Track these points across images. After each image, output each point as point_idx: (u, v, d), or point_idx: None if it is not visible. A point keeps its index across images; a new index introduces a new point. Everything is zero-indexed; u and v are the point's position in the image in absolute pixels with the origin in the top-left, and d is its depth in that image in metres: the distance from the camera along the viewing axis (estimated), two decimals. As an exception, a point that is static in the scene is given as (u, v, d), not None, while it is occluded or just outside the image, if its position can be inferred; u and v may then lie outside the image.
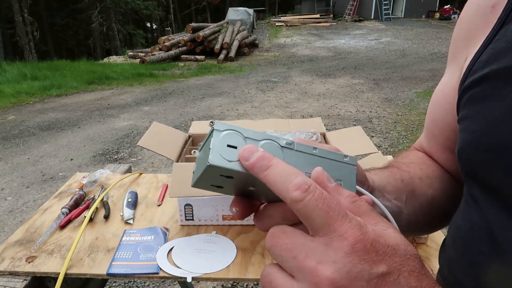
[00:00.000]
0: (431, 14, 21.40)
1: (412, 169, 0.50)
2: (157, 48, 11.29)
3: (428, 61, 9.55)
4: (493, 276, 0.33)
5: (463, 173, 0.40)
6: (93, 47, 20.82)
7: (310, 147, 0.31)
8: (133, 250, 0.89)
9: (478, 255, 0.35)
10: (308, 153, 0.31)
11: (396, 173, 0.48)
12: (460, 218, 0.40)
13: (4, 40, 17.32)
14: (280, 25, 19.06)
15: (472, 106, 0.38)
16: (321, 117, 3.70)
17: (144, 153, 3.94)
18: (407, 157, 0.55)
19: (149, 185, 1.23)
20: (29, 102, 6.34)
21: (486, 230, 0.34)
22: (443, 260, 0.44)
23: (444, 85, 0.51)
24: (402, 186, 0.47)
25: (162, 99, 6.31)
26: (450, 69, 0.50)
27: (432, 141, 0.54)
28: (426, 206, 0.48)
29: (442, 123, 0.50)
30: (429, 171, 0.51)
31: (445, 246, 0.44)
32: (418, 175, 0.50)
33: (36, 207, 2.91)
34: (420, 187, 0.48)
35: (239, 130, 0.29)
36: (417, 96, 6.05)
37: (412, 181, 0.48)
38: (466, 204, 0.40)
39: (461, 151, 0.39)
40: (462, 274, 0.38)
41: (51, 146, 4.28)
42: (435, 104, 0.52)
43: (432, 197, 0.49)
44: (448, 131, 0.49)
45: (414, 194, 0.47)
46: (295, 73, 8.58)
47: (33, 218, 1.04)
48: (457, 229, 0.41)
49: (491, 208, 0.34)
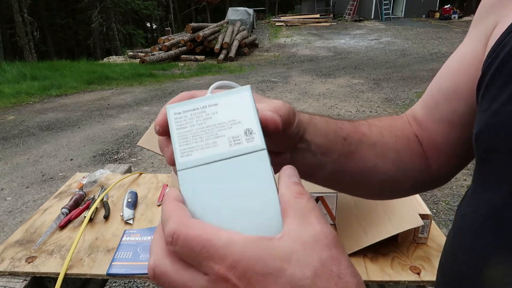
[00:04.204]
0: (431, 14, 21.39)
1: (371, 133, 0.47)
2: (157, 48, 11.29)
3: (428, 61, 9.55)
4: (500, 267, 0.31)
5: (478, 155, 0.36)
6: (93, 47, 20.82)
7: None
8: (133, 250, 0.89)
9: (484, 245, 0.33)
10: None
11: (344, 130, 0.44)
12: (466, 205, 0.38)
13: (4, 40, 17.31)
14: (280, 25, 19.06)
15: (504, 85, 0.33)
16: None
17: (144, 153, 3.93)
18: (382, 121, 0.51)
19: (149, 185, 1.23)
20: (29, 102, 6.34)
21: (494, 218, 0.32)
22: (447, 251, 0.41)
23: (463, 53, 0.46)
24: (340, 145, 0.43)
25: (162, 99, 6.31)
26: (474, 35, 0.45)
27: (431, 111, 0.49)
28: (361, 172, 0.46)
29: (452, 93, 0.45)
30: (391, 140, 0.48)
31: (450, 236, 0.41)
32: (372, 140, 0.46)
33: (36, 207, 2.91)
34: (364, 153, 0.45)
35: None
36: (417, 96, 6.05)
37: (359, 144, 0.45)
38: (473, 191, 0.37)
39: (480, 133, 0.35)
40: (466, 265, 0.36)
41: (51, 146, 4.28)
42: (448, 72, 0.47)
43: (374, 166, 0.46)
44: (456, 103, 0.45)
45: (351, 157, 0.44)
46: (295, 73, 8.58)
47: (33, 218, 1.04)
48: (463, 217, 0.38)
49: (505, 196, 0.31)
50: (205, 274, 0.23)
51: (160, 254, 0.26)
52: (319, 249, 0.23)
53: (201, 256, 0.23)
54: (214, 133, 0.29)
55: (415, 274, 0.81)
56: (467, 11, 21.95)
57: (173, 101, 0.33)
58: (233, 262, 0.23)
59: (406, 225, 0.84)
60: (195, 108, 0.30)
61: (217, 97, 0.31)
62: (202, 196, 0.27)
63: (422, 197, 1.09)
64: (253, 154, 0.28)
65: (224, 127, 0.29)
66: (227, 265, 0.23)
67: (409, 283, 0.80)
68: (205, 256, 0.23)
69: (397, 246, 0.90)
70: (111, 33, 19.19)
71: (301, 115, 0.39)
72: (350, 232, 0.91)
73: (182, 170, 0.28)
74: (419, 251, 0.88)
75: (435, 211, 2.78)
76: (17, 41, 15.73)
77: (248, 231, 0.25)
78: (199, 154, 0.28)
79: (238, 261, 0.23)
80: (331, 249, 0.24)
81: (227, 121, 0.29)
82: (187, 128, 0.30)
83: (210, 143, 0.29)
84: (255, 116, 0.30)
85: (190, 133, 0.29)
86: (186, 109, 0.31)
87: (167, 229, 0.25)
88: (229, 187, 0.27)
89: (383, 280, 0.80)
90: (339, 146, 0.43)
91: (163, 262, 0.25)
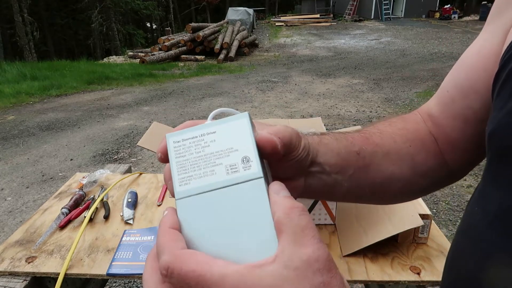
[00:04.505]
0: (431, 14, 21.39)
1: (383, 142, 0.46)
2: (157, 48, 11.29)
3: (428, 61, 9.55)
4: (504, 268, 0.30)
5: (491, 153, 0.35)
6: (93, 47, 20.81)
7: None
8: (133, 250, 0.89)
9: (490, 245, 0.32)
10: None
11: (355, 144, 0.43)
12: (475, 203, 0.37)
13: (4, 40, 17.32)
14: (280, 25, 19.06)
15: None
16: (321, 117, 3.70)
17: (144, 153, 3.93)
18: (393, 125, 0.50)
19: (149, 185, 1.23)
20: (29, 102, 6.34)
21: (503, 218, 0.31)
22: (454, 248, 0.40)
23: (480, 47, 0.44)
24: (354, 160, 0.43)
25: (162, 99, 6.31)
26: (492, 29, 0.43)
27: (446, 106, 0.48)
28: (379, 182, 0.45)
29: (468, 88, 0.44)
30: (404, 145, 0.47)
31: (458, 232, 0.40)
32: (385, 149, 0.45)
33: (36, 207, 2.91)
34: (379, 163, 0.44)
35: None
36: (417, 96, 6.05)
37: (373, 155, 0.44)
38: (483, 189, 0.36)
39: (494, 132, 0.34)
40: (471, 263, 0.35)
41: (51, 146, 4.28)
42: (464, 66, 0.46)
43: (391, 175, 0.45)
44: (472, 99, 0.44)
45: (366, 170, 0.44)
46: (295, 73, 8.58)
47: (33, 218, 1.04)
48: (471, 214, 0.37)
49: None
50: None
51: (157, 285, 0.26)
52: (311, 276, 0.24)
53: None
54: (212, 161, 0.29)
55: (415, 274, 0.81)
56: (467, 11, 21.96)
57: (177, 129, 0.33)
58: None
59: (406, 225, 0.84)
60: (193, 136, 0.31)
61: (215, 125, 0.31)
62: (199, 224, 0.28)
63: (422, 197, 1.09)
64: (249, 182, 0.28)
65: (222, 155, 0.29)
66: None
67: (409, 283, 0.80)
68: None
69: (397, 246, 0.90)
70: (111, 33, 19.19)
71: (309, 138, 0.39)
72: (350, 232, 0.91)
73: (180, 199, 0.29)
74: (419, 251, 0.88)
75: (435, 211, 2.78)
76: (17, 41, 15.73)
77: (244, 258, 0.25)
78: (197, 183, 0.29)
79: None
80: (323, 274, 0.24)
81: (225, 149, 0.30)
82: (186, 156, 0.30)
83: (208, 172, 0.29)
84: (252, 143, 0.30)
85: (188, 162, 0.30)
86: (185, 137, 0.31)
87: (162, 262, 0.25)
88: (225, 216, 0.27)
89: (383, 280, 0.80)
90: (353, 161, 0.42)
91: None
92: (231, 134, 0.30)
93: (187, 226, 0.28)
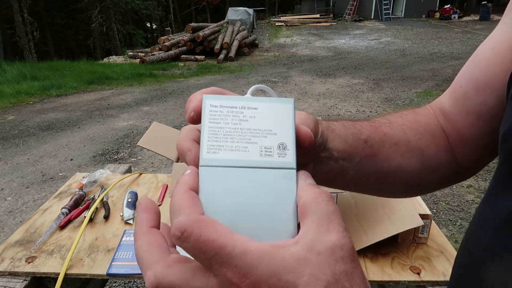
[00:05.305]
0: (431, 14, 21.40)
1: (393, 132, 0.45)
2: (157, 48, 11.29)
3: (428, 61, 9.55)
4: (510, 271, 0.30)
5: (504, 154, 0.34)
6: (93, 47, 20.82)
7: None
8: (133, 250, 0.89)
9: (498, 246, 0.31)
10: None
11: (363, 132, 0.43)
12: (486, 204, 0.36)
13: (4, 40, 17.31)
14: (280, 25, 19.07)
15: None
16: (321, 117, 3.70)
17: (144, 153, 3.93)
18: (404, 117, 0.49)
19: (149, 185, 1.23)
20: (29, 102, 6.34)
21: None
22: (463, 247, 0.39)
23: (496, 41, 0.43)
24: (361, 148, 0.42)
25: (162, 99, 6.31)
26: (508, 23, 0.42)
27: (459, 102, 0.47)
28: (385, 173, 0.44)
29: (483, 84, 0.43)
30: (414, 138, 0.46)
31: (467, 232, 0.40)
32: (395, 140, 0.45)
33: (36, 207, 2.91)
34: (387, 153, 0.44)
35: None
36: (417, 96, 6.05)
37: (381, 145, 0.43)
38: (494, 190, 0.35)
39: (508, 132, 0.33)
40: (482, 266, 0.34)
41: (51, 146, 4.28)
42: (479, 61, 0.45)
43: (398, 166, 0.45)
44: (486, 95, 0.43)
45: (373, 159, 0.43)
46: (295, 73, 8.58)
47: (33, 218, 1.04)
48: (481, 215, 0.37)
49: None
50: (215, 276, 0.23)
51: (162, 265, 0.24)
52: (334, 262, 0.23)
53: (212, 260, 0.23)
54: (247, 138, 0.28)
55: (415, 274, 0.81)
56: (467, 11, 21.97)
57: (206, 92, 0.31)
58: (246, 273, 0.22)
59: (406, 225, 0.84)
60: (233, 106, 0.29)
61: (258, 101, 0.30)
62: (219, 196, 0.26)
63: (422, 197, 1.09)
64: (282, 170, 0.27)
65: (259, 135, 0.28)
66: (240, 274, 0.22)
67: (409, 283, 0.80)
68: (217, 261, 0.23)
69: (397, 246, 0.90)
70: (111, 33, 19.19)
71: (322, 123, 0.38)
72: (350, 232, 0.91)
73: (205, 167, 0.27)
74: (419, 251, 0.88)
75: (435, 211, 2.78)
76: (17, 41, 15.74)
77: (263, 237, 0.24)
78: (227, 155, 0.27)
79: (251, 272, 0.22)
80: (346, 263, 0.23)
81: (263, 129, 0.28)
82: (221, 124, 0.28)
83: (240, 147, 0.28)
84: (293, 132, 0.29)
85: (222, 130, 0.28)
86: (224, 104, 0.29)
87: (178, 222, 0.23)
88: (249, 196, 0.26)
89: (383, 280, 0.80)
90: (360, 149, 0.42)
91: (167, 274, 0.24)
92: (273, 116, 0.29)
93: (207, 194, 0.26)
